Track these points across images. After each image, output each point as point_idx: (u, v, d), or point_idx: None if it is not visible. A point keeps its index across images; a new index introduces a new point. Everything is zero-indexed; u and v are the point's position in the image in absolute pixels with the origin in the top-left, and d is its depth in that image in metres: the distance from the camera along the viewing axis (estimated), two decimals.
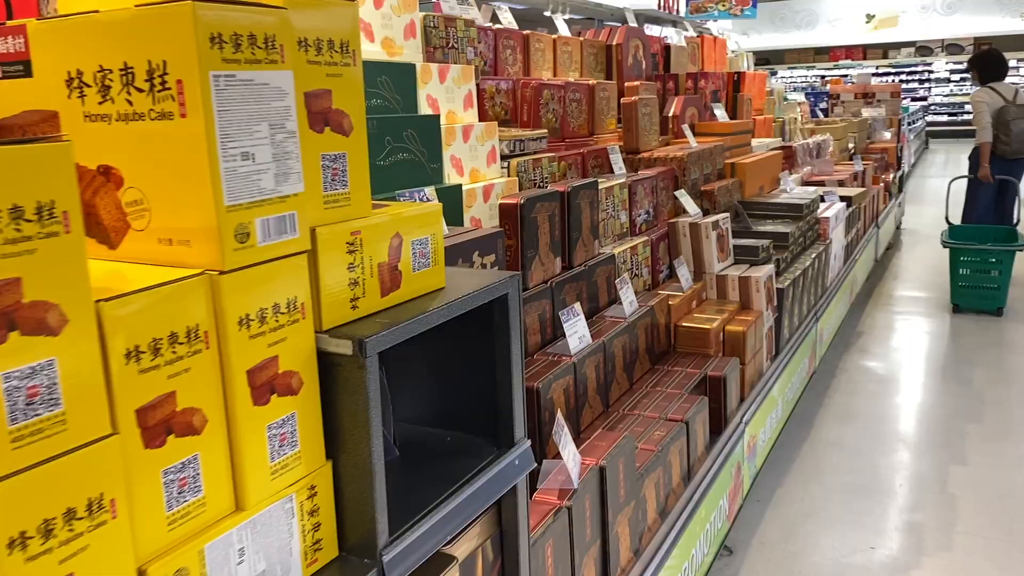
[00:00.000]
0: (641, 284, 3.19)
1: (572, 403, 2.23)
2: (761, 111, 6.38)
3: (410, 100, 2.69)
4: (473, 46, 3.46)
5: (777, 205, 4.23)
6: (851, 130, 7.66)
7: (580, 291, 2.62)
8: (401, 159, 2.52)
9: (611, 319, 2.65)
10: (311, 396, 1.02)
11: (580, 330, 2.35)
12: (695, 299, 3.23)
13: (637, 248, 3.12)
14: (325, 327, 1.03)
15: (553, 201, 2.48)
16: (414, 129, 2.57)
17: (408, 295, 1.17)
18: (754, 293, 3.28)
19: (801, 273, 3.79)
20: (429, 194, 2.08)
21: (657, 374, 2.75)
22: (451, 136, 2.77)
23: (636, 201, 3.31)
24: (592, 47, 4.59)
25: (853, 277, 5.48)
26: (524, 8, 7.44)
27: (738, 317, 3.18)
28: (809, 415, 4.17)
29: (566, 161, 3.47)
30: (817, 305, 4.28)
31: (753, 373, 3.17)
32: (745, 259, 3.49)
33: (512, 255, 2.34)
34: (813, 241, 4.44)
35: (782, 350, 3.55)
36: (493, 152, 3.02)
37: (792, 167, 5.81)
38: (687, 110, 4.72)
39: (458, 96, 2.95)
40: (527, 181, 3.12)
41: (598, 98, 4.00)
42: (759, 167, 4.60)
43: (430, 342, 1.40)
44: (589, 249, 2.74)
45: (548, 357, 2.28)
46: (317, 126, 1.01)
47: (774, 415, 3.42)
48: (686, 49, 5.77)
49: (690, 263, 3.38)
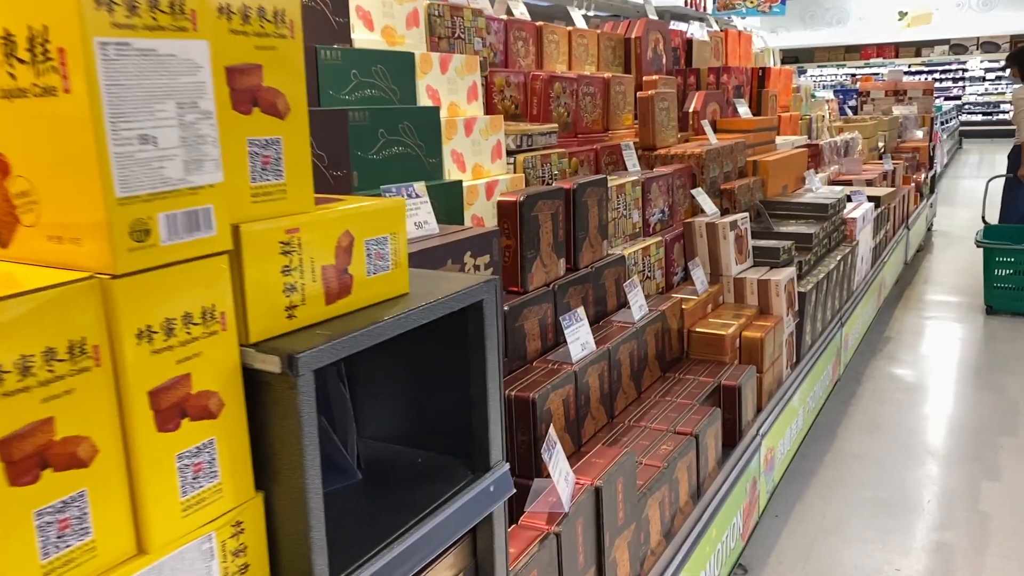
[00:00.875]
0: (654, 287, 3.03)
1: (572, 414, 2.08)
2: (787, 108, 6.18)
3: (408, 91, 2.56)
4: (481, 37, 3.32)
5: (801, 205, 4.04)
6: (881, 128, 7.43)
7: (586, 294, 2.47)
8: (396, 153, 2.39)
9: (619, 324, 2.49)
10: (235, 420, 0.88)
11: (583, 336, 2.20)
12: (711, 303, 3.06)
13: (650, 249, 2.96)
14: (253, 340, 0.89)
15: (556, 199, 2.33)
16: (410, 122, 2.43)
17: (361, 302, 1.03)
18: (774, 297, 3.10)
19: (825, 276, 3.61)
20: (419, 190, 1.94)
21: (668, 382, 2.60)
22: (452, 129, 2.63)
23: (650, 200, 3.15)
24: (610, 40, 4.43)
25: (881, 280, 5.27)
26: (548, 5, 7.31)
27: (756, 322, 3.01)
28: (832, 425, 3.99)
29: (578, 157, 3.31)
30: (842, 310, 4.09)
31: (771, 382, 3.00)
32: (765, 261, 3.31)
33: (511, 256, 2.20)
34: (839, 243, 4.25)
35: (803, 357, 3.37)
36: (498, 147, 2.87)
37: (818, 166, 5.61)
38: (708, 106, 4.55)
39: (461, 88, 2.81)
40: (534, 178, 2.98)
41: (613, 92, 3.84)
42: (783, 165, 4.41)
43: (403, 351, 1.26)
44: (597, 250, 2.58)
45: (548, 365, 2.13)
46: (243, 106, 0.87)
47: (794, 426, 3.24)
48: (709, 44, 5.59)
49: (706, 265, 3.21)
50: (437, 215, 2.48)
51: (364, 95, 2.38)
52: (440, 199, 2.48)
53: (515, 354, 2.12)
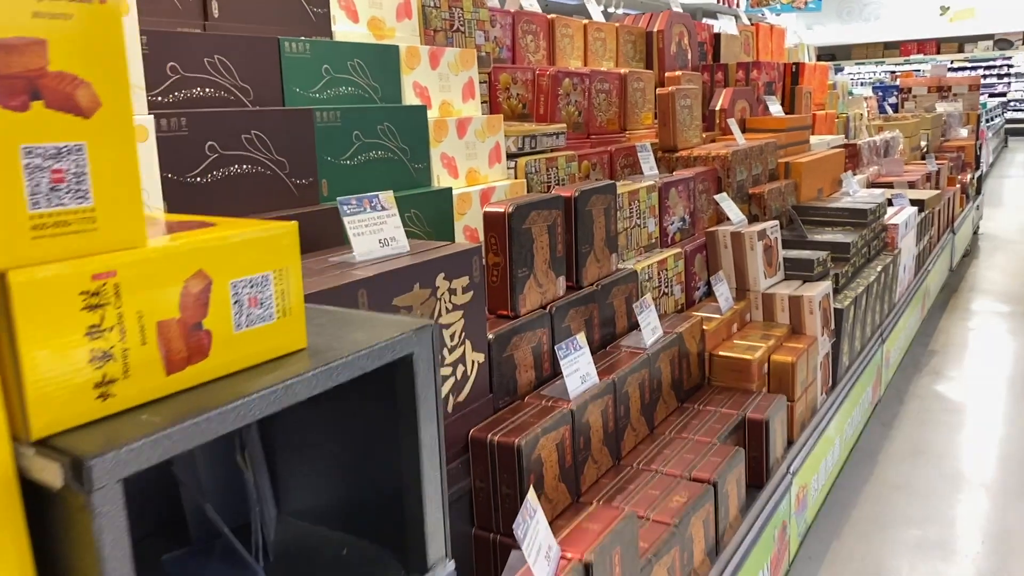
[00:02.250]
0: (672, 304, 2.72)
1: (568, 460, 1.79)
2: (822, 106, 5.83)
3: (391, 88, 2.28)
4: (484, 30, 3.04)
5: (837, 210, 3.71)
6: (924, 127, 7.02)
7: (589, 316, 2.17)
8: (374, 158, 2.12)
9: (628, 350, 2.20)
10: (9, 544, 0.61)
11: (582, 367, 1.91)
12: (736, 322, 2.75)
13: (666, 262, 2.66)
14: (36, 435, 0.62)
15: (554, 208, 2.04)
16: (392, 122, 2.16)
17: (225, 367, 0.76)
18: (807, 315, 2.78)
19: (865, 290, 3.27)
20: (385, 201, 1.67)
21: (685, 415, 2.29)
22: (441, 131, 2.35)
23: (668, 207, 2.84)
24: (630, 34, 4.13)
25: (925, 289, 4.90)
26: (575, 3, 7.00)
27: (787, 344, 2.69)
28: (872, 450, 3.64)
29: (589, 160, 3.02)
30: (883, 324, 3.75)
31: (804, 410, 2.68)
32: (798, 274, 2.99)
33: (499, 276, 1.92)
34: (879, 251, 3.91)
35: (840, 380, 3.04)
36: (497, 150, 2.59)
37: (856, 167, 5.25)
38: (736, 104, 4.23)
39: (455, 84, 2.53)
40: (538, 184, 2.69)
41: (631, 89, 3.54)
42: (817, 167, 4.07)
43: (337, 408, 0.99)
44: (604, 265, 2.29)
45: (541, 401, 1.84)
46: (14, 99, 0.60)
47: (830, 458, 2.92)
48: (739, 38, 5.26)
49: (731, 279, 2.90)
50: (423, 226, 2.21)
51: (338, 93, 2.12)
52: (426, 208, 2.21)
53: (503, 388, 1.84)
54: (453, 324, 1.65)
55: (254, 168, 1.79)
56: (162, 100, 1.70)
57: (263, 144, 1.80)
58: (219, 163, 1.71)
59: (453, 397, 1.67)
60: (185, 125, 1.64)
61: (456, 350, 1.66)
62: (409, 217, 2.13)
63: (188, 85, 1.75)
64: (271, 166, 1.83)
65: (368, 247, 1.59)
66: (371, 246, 1.60)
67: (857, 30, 20.06)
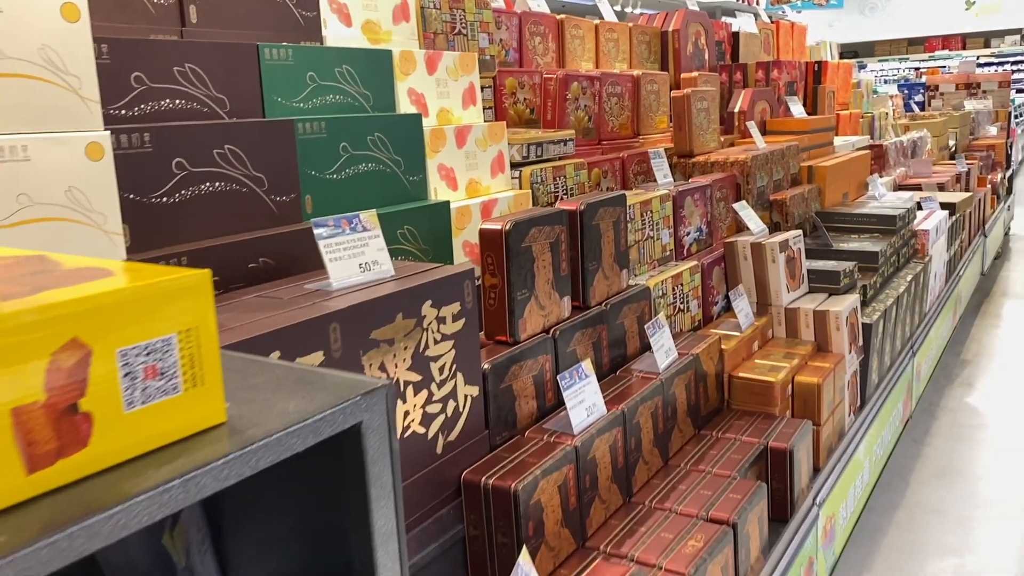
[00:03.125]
0: (688, 321, 2.56)
1: (572, 502, 1.64)
2: (846, 105, 5.62)
3: (384, 96, 2.14)
4: (488, 32, 2.89)
5: (864, 217, 3.52)
6: (952, 125, 6.79)
7: (597, 339, 2.02)
8: (364, 171, 1.97)
9: (641, 375, 2.04)
10: None
11: (588, 397, 1.76)
12: (757, 340, 2.58)
13: (681, 276, 2.49)
14: None
15: (557, 224, 1.88)
16: (384, 132, 2.02)
17: (112, 456, 0.61)
18: (833, 332, 2.61)
19: (894, 301, 3.09)
20: (368, 221, 1.52)
21: (703, 444, 2.13)
22: (439, 140, 2.20)
23: (683, 216, 2.68)
24: (644, 34, 3.97)
25: (957, 296, 4.69)
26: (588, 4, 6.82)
27: (812, 363, 2.52)
28: (904, 470, 3.45)
29: (600, 168, 2.87)
30: (914, 336, 3.55)
31: (831, 434, 2.51)
32: (823, 287, 2.81)
33: (496, 299, 1.76)
34: (909, 259, 3.71)
35: (869, 399, 2.86)
36: (500, 159, 2.44)
37: (883, 169, 5.05)
38: (756, 105, 4.05)
39: (454, 90, 2.38)
40: (545, 194, 2.54)
41: (644, 92, 3.38)
42: (842, 170, 3.89)
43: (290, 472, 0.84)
44: (613, 282, 2.13)
45: (543, 436, 1.69)
46: None
47: (859, 482, 2.74)
48: (758, 37, 5.08)
49: (752, 293, 2.73)
50: (418, 243, 2.06)
51: (325, 102, 1.97)
52: (422, 224, 2.06)
53: (501, 423, 1.69)
54: (443, 356, 1.50)
55: (228, 186, 1.65)
56: (125, 114, 1.56)
57: (238, 159, 1.66)
58: (188, 181, 1.57)
59: (443, 436, 1.52)
60: (148, 141, 1.50)
61: (446, 384, 1.51)
62: (402, 234, 1.98)
63: (156, 97, 1.61)
64: (247, 183, 1.69)
65: (347, 273, 1.44)
66: (350, 271, 1.45)
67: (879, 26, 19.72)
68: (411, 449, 1.44)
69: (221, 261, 1.56)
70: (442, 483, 1.52)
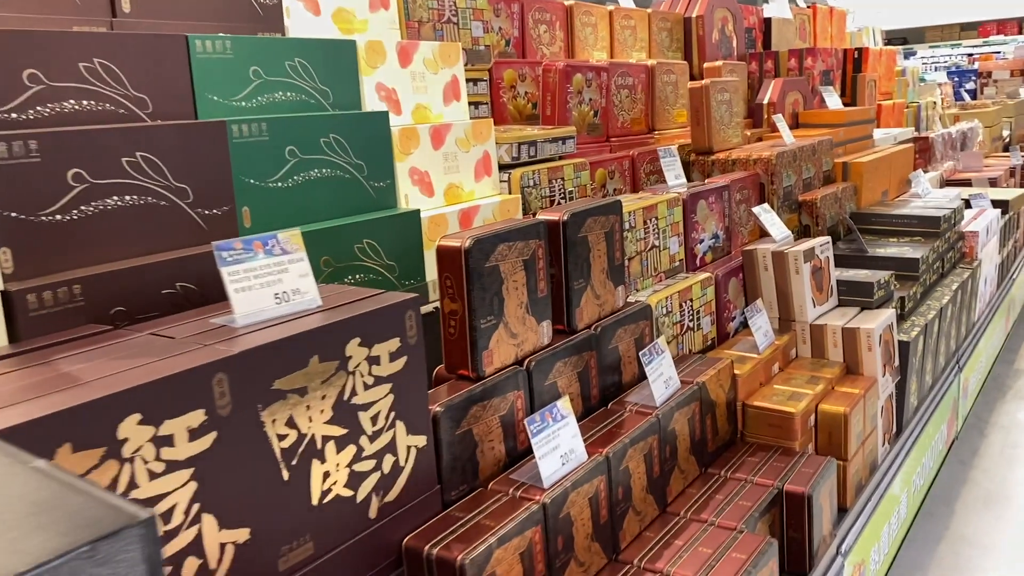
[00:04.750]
0: (699, 340, 2.29)
1: (540, 570, 1.39)
2: (889, 95, 5.26)
3: (347, 92, 1.90)
4: (483, 20, 2.64)
5: (905, 218, 3.20)
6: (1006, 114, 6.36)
7: (585, 368, 1.76)
8: (317, 177, 1.74)
9: (635, 408, 1.78)
10: None
11: (564, 443, 1.50)
12: (778, 361, 2.30)
13: (691, 291, 2.22)
14: None
15: (532, 238, 1.63)
16: (341, 133, 1.78)
17: None
18: (864, 352, 2.31)
19: (937, 314, 2.77)
20: (288, 243, 1.28)
21: (708, 487, 1.86)
22: (410, 140, 1.96)
23: (695, 223, 2.40)
24: (664, 21, 3.68)
25: (1010, 301, 4.32)
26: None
27: (840, 389, 2.23)
28: (947, 496, 3.13)
29: (605, 168, 2.60)
30: (960, 350, 3.23)
31: (860, 468, 2.22)
32: (854, 300, 2.52)
33: (456, 327, 1.52)
34: (955, 264, 3.38)
35: (907, 426, 2.56)
36: (486, 160, 2.19)
37: (928, 163, 4.69)
38: (787, 96, 3.74)
39: (433, 84, 2.13)
40: (538, 198, 2.29)
41: (660, 83, 3.10)
42: (881, 166, 3.56)
43: None
44: (606, 301, 1.87)
45: (508, 490, 1.44)
46: None
47: (895, 519, 2.44)
48: (793, 22, 4.75)
49: (773, 307, 2.44)
50: (381, 259, 1.83)
51: (273, 100, 1.74)
52: (386, 236, 1.82)
53: (458, 475, 1.44)
54: (376, 403, 1.26)
55: (141, 199, 1.42)
56: (16, 118, 1.35)
57: (154, 168, 1.44)
58: (89, 196, 1.35)
59: (378, 498, 1.28)
60: (36, 150, 1.28)
61: (381, 436, 1.27)
62: (360, 249, 1.75)
63: (57, 97, 1.39)
64: (167, 195, 1.46)
65: (257, 305, 1.21)
66: (262, 303, 1.22)
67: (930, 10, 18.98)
68: (333, 517, 1.20)
69: (126, 288, 1.34)
70: (377, 552, 1.29)
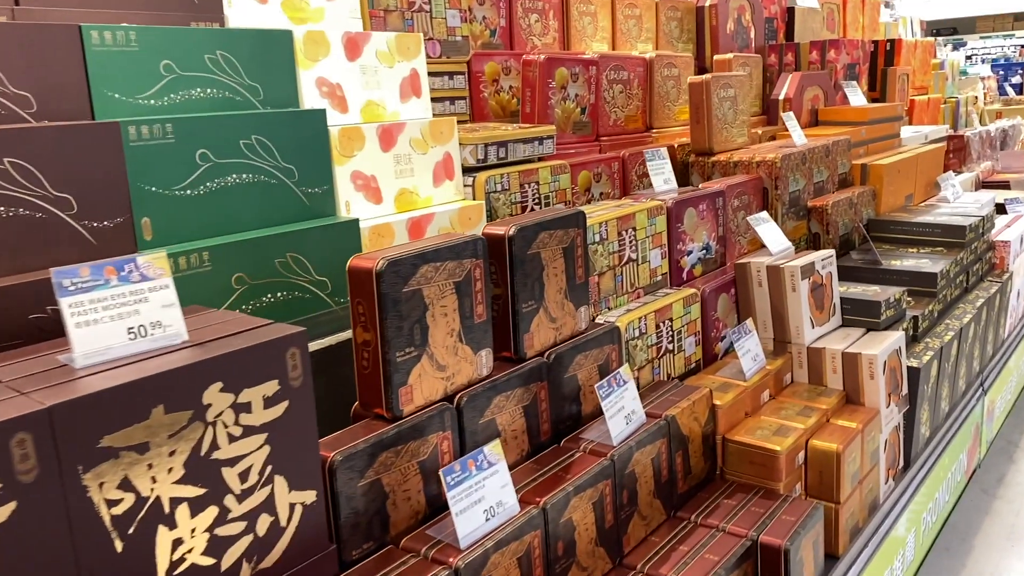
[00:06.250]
0: (681, 364, 2.08)
1: None
2: (925, 90, 4.96)
3: (281, 88, 1.72)
4: (461, 9, 2.44)
5: (926, 226, 2.94)
6: None
7: (533, 401, 1.57)
8: (235, 184, 1.56)
9: (591, 447, 1.58)
10: None
11: (491, 495, 1.32)
12: (769, 387, 2.08)
13: (670, 309, 2.01)
14: None
15: (468, 257, 1.44)
16: (266, 134, 1.60)
17: None
18: (866, 380, 2.08)
19: (956, 335, 2.52)
20: (150, 268, 1.10)
21: (674, 534, 1.66)
22: (353, 141, 1.78)
23: (682, 233, 2.19)
24: (674, 9, 3.45)
25: None
26: None
27: (836, 421, 2.01)
28: (967, 528, 2.88)
29: (590, 170, 2.40)
30: (985, 371, 2.97)
31: (856, 511, 2.00)
32: (859, 320, 2.29)
33: (370, 360, 1.33)
34: (983, 276, 3.11)
35: (916, 459, 2.32)
36: (447, 163, 2.00)
37: (963, 164, 4.39)
38: (806, 91, 3.49)
39: (388, 79, 1.94)
40: (507, 204, 2.09)
41: (659, 78, 2.88)
42: (905, 168, 3.30)
43: None
44: (563, 324, 1.67)
45: (422, 549, 1.26)
46: None
47: (898, 564, 2.21)
48: (819, 12, 4.47)
49: (768, 327, 2.22)
50: (310, 275, 1.65)
51: (189, 98, 1.56)
52: (316, 250, 1.64)
53: (362, 531, 1.26)
54: (246, 457, 1.08)
55: (12, 211, 1.26)
56: None
57: (27, 176, 1.27)
58: None
59: (249, 564, 1.10)
60: None
61: (253, 495, 1.09)
62: (283, 264, 1.57)
63: None
64: (45, 206, 1.30)
65: (102, 342, 1.04)
66: (111, 339, 1.04)
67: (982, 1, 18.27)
68: None
69: None
70: None
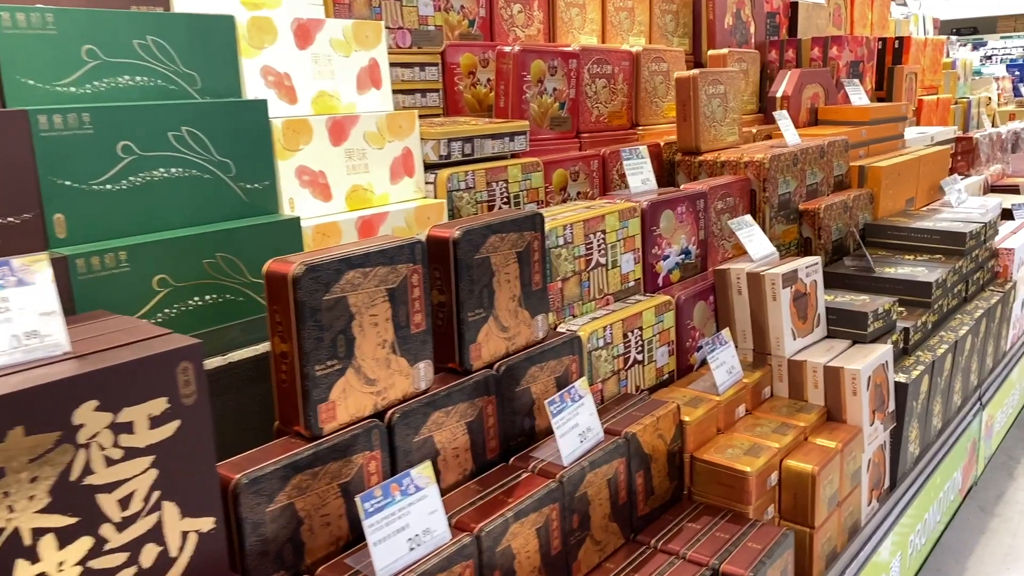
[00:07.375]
0: (651, 375, 1.96)
1: None
2: (935, 90, 4.81)
3: (223, 77, 1.61)
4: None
5: (925, 232, 2.81)
6: None
7: (478, 417, 1.46)
8: (162, 178, 1.45)
9: (540, 467, 1.48)
10: None
11: (416, 523, 1.21)
12: (745, 402, 1.96)
13: (640, 318, 1.89)
14: None
15: (403, 262, 1.33)
16: (198, 126, 1.50)
17: None
18: (848, 395, 1.96)
19: (950, 348, 2.39)
20: (26, 271, 1.00)
21: (630, 561, 1.55)
22: (299, 134, 1.67)
23: (657, 237, 2.07)
24: (669, 3, 3.32)
25: None
26: None
27: (815, 439, 1.89)
28: (960, 548, 2.76)
29: (566, 168, 2.29)
30: (983, 385, 2.84)
31: (834, 535, 1.88)
32: (845, 331, 2.16)
33: (287, 376, 1.23)
34: (984, 285, 2.98)
35: (904, 479, 2.20)
36: (407, 159, 1.89)
37: (971, 167, 4.24)
38: (805, 89, 3.36)
39: (344, 69, 1.84)
40: (471, 203, 1.98)
41: (646, 73, 2.76)
42: (905, 171, 3.16)
43: None
44: (516, 334, 1.56)
45: None
46: None
47: None
48: (825, 7, 4.32)
49: (747, 337, 2.11)
50: (243, 276, 1.54)
51: (116, 86, 1.46)
52: (250, 250, 1.52)
53: (271, 560, 1.16)
54: (127, 482, 0.98)
55: None
56: None
57: None
58: None
59: None
60: None
61: (135, 524, 0.99)
62: (212, 264, 1.47)
63: None
64: None
65: None
66: None
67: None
68: None
69: None
70: None
